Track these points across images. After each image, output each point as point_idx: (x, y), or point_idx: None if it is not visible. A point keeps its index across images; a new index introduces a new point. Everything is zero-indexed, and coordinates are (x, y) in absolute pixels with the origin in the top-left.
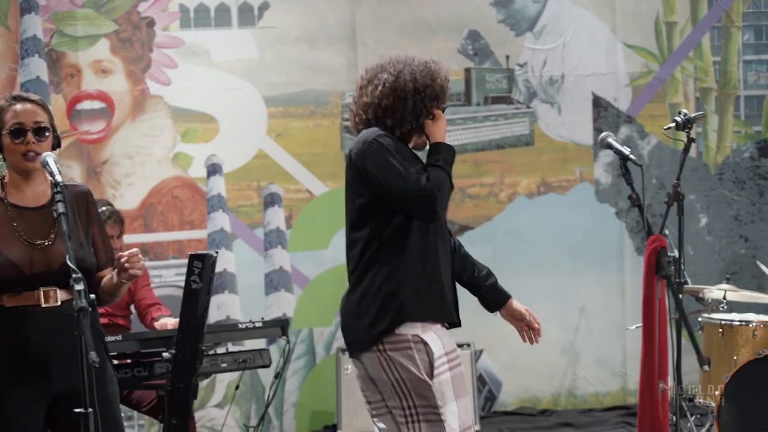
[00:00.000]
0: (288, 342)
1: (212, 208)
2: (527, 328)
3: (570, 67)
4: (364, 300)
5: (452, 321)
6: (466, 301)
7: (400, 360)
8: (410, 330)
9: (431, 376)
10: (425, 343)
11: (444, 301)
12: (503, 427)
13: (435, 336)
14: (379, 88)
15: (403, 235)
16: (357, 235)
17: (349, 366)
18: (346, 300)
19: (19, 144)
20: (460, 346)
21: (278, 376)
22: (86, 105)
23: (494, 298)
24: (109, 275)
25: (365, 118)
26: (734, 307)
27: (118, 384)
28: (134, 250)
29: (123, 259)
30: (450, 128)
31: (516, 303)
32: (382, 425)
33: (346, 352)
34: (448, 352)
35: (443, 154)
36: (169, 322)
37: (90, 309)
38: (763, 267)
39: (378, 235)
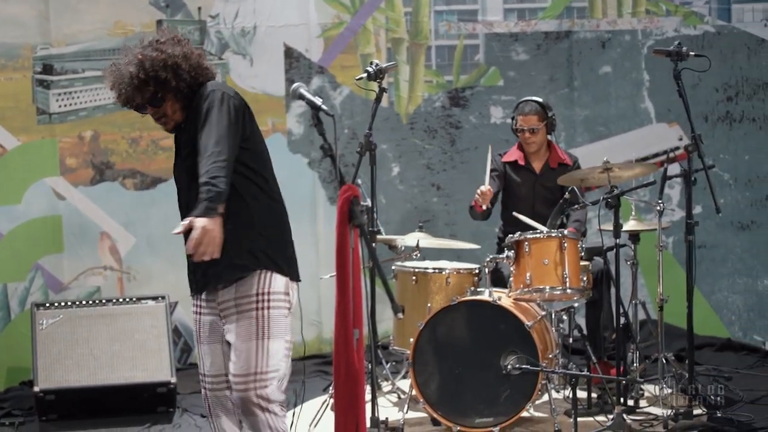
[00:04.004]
0: None
1: None
2: None
3: (262, 19)
4: None
5: None
6: (162, 254)
7: None
8: None
9: None
10: None
11: None
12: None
13: None
14: None
15: None
16: None
17: (44, 321)
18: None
19: None
20: (154, 298)
21: None
22: None
23: None
24: None
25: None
26: (427, 254)
27: None
28: None
29: None
30: None
31: None
32: None
33: (41, 307)
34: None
35: None
36: None
37: None
38: (521, 217)
39: None
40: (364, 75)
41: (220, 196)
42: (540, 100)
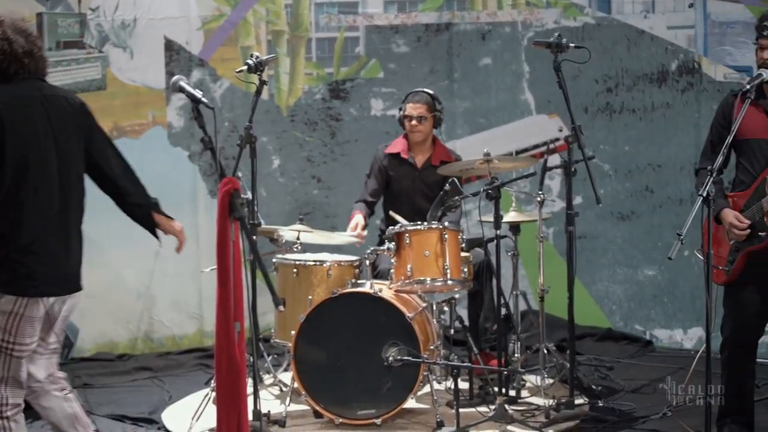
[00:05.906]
0: None
1: None
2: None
3: (142, 11)
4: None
5: None
6: None
7: None
8: None
9: None
10: None
11: None
12: (81, 373)
13: None
14: None
15: None
16: (81, 184)
17: None
18: (77, 243)
19: None
20: None
21: None
22: None
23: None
24: None
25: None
26: (308, 247)
27: None
28: None
29: None
30: None
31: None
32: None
33: None
34: None
35: None
36: None
37: None
38: (397, 217)
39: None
40: (245, 67)
41: None
42: (432, 92)
